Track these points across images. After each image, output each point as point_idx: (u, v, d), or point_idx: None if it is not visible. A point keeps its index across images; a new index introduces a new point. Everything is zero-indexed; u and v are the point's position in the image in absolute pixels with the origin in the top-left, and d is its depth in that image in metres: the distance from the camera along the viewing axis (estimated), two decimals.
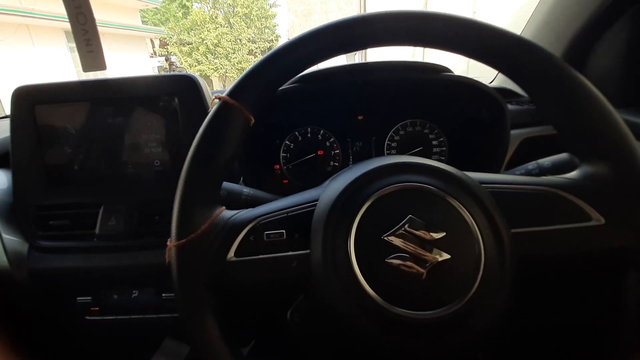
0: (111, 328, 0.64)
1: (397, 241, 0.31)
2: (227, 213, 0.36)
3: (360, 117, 0.73)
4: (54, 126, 0.58)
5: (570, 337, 0.46)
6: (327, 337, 0.38)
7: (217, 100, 0.36)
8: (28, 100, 0.57)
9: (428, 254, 0.31)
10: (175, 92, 0.57)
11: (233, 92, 0.35)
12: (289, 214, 0.36)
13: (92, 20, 0.48)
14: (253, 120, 0.36)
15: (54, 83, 0.58)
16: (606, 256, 0.33)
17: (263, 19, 11.10)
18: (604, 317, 0.33)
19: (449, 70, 0.62)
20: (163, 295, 0.60)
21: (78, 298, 0.61)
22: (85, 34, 0.48)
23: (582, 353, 0.37)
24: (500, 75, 0.85)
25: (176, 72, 0.57)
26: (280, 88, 0.62)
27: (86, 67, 0.51)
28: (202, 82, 0.58)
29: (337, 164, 0.73)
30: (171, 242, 0.33)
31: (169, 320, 0.61)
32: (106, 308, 0.61)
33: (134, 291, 0.62)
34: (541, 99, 0.35)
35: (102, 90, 0.57)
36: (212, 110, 0.36)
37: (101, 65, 0.52)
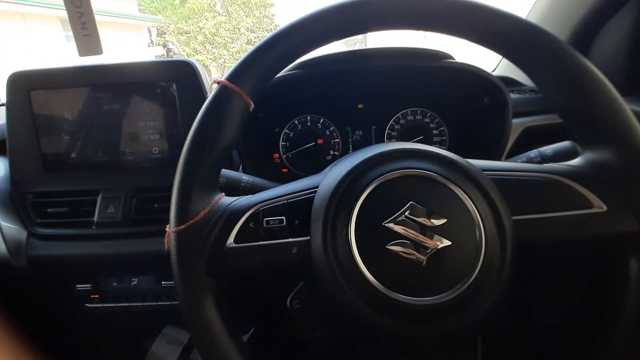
0: (111, 315, 0.64)
1: (397, 228, 0.31)
2: (226, 199, 0.36)
3: (360, 106, 0.72)
4: (50, 112, 0.57)
5: (570, 323, 0.47)
6: (327, 324, 0.38)
7: (216, 85, 0.35)
8: (24, 85, 0.56)
9: (429, 240, 0.30)
10: (173, 78, 0.56)
11: (232, 76, 0.34)
12: (289, 201, 0.35)
13: (88, 2, 0.47)
14: (252, 105, 0.35)
15: (50, 68, 0.57)
16: (607, 243, 0.33)
17: (262, 8, 10.92)
18: (606, 305, 0.33)
19: (451, 57, 0.61)
20: (162, 282, 0.60)
21: (77, 286, 0.61)
22: (80, 17, 0.47)
23: (582, 340, 0.37)
24: (502, 64, 0.84)
25: (174, 58, 0.56)
26: (280, 75, 0.61)
27: (82, 52, 0.50)
28: (201, 68, 0.57)
29: (337, 153, 0.73)
30: (170, 228, 0.33)
31: (169, 307, 0.62)
32: (106, 295, 0.62)
33: (134, 279, 0.62)
34: (546, 84, 0.35)
35: (99, 75, 0.56)
36: (211, 94, 0.35)
37: (98, 50, 0.50)
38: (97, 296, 0.61)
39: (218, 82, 0.35)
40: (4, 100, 0.88)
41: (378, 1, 0.33)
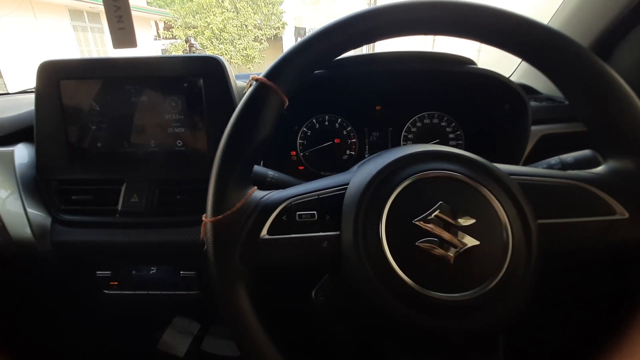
0: (127, 303, 0.66)
1: (427, 226, 0.32)
2: (259, 193, 0.37)
3: (378, 107, 0.73)
4: (78, 102, 0.59)
5: (589, 327, 0.48)
6: (351, 316, 0.40)
7: (253, 82, 0.36)
8: (54, 75, 0.57)
9: (457, 239, 0.32)
10: (200, 73, 0.57)
11: (270, 74, 0.36)
12: (320, 196, 0.37)
13: None
14: (287, 103, 0.37)
15: (80, 59, 0.58)
16: (629, 249, 0.34)
17: (270, 5, 10.91)
18: (623, 308, 0.35)
19: (472, 63, 0.62)
20: (181, 272, 0.62)
21: (98, 272, 0.62)
22: (117, 11, 0.48)
23: (600, 343, 0.38)
24: (518, 71, 0.85)
25: (200, 54, 0.57)
26: None
27: (117, 44, 0.51)
28: (227, 64, 0.58)
29: (353, 153, 0.74)
30: (207, 218, 0.34)
31: (185, 297, 0.63)
32: (125, 283, 0.63)
33: (153, 268, 0.63)
34: (571, 92, 0.36)
35: (127, 68, 0.57)
36: (248, 90, 0.36)
37: (132, 43, 0.52)
38: (116, 283, 0.63)
39: (256, 80, 0.36)
40: (15, 89, 0.90)
41: (420, 6, 0.34)
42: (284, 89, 0.36)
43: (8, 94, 0.88)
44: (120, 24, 0.49)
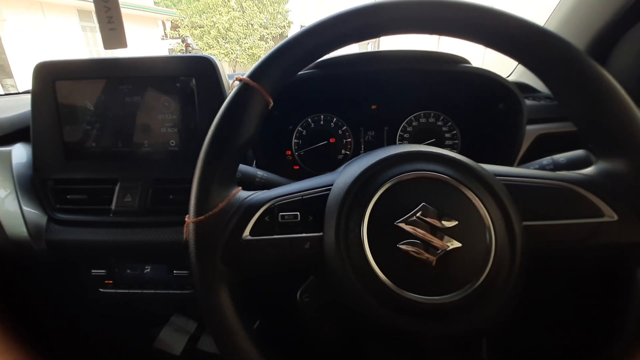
0: (123, 301, 0.66)
1: (409, 228, 0.32)
2: (243, 193, 0.37)
3: (374, 107, 0.73)
4: (73, 102, 0.59)
5: (576, 331, 0.47)
6: (335, 318, 0.39)
7: (237, 82, 0.36)
8: (49, 75, 0.58)
9: (439, 241, 0.31)
10: (193, 73, 0.57)
11: (254, 74, 0.35)
12: (304, 197, 0.36)
13: None
14: (272, 103, 0.36)
15: (75, 60, 0.58)
16: (617, 252, 0.34)
17: (276, 4, 10.92)
18: (611, 312, 0.34)
19: (467, 62, 0.61)
20: (174, 272, 0.62)
21: (92, 271, 0.63)
22: (107, 12, 0.49)
23: (587, 348, 0.37)
24: (518, 70, 0.84)
25: (193, 54, 0.57)
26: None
27: (107, 45, 0.51)
28: (219, 64, 0.58)
29: (348, 153, 0.74)
30: (189, 219, 0.34)
31: (179, 296, 0.63)
32: (119, 281, 0.64)
33: (147, 267, 0.64)
34: (562, 93, 0.35)
35: (122, 68, 0.58)
36: (232, 91, 0.36)
37: (122, 43, 0.52)
38: (111, 282, 0.63)
39: (240, 80, 0.36)
40: (25, 89, 0.91)
41: (402, 5, 0.33)
42: (268, 89, 0.36)
43: (18, 93, 0.89)
44: (111, 24, 0.49)
